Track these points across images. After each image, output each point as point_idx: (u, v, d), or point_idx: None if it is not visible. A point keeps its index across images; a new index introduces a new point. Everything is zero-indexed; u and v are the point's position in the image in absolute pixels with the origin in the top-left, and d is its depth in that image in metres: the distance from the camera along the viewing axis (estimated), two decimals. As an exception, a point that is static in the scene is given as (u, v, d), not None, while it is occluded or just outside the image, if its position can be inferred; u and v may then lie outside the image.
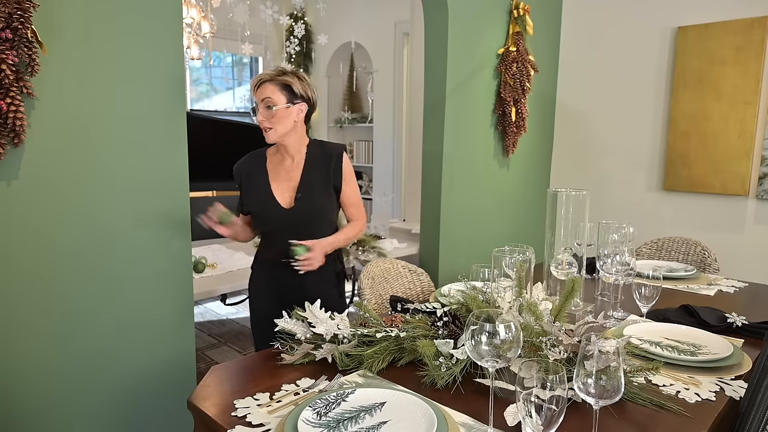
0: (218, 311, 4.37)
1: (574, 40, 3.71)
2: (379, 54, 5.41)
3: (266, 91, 1.77)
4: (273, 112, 1.77)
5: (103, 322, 1.77)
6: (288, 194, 1.86)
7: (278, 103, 1.77)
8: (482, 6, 3.08)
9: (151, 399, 1.92)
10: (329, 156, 1.89)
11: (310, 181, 1.86)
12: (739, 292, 2.16)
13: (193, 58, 4.03)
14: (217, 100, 6.09)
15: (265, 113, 1.78)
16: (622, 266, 1.79)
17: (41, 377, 1.66)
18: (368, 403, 1.16)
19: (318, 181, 1.86)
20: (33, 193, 1.59)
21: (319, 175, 1.87)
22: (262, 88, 1.78)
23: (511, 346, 1.06)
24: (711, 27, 3.10)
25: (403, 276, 2.26)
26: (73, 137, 1.64)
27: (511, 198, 3.55)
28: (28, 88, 1.48)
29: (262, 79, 1.78)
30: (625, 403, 1.21)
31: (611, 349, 0.98)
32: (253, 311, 1.99)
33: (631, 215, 3.48)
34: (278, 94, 1.77)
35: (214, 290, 2.78)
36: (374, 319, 1.52)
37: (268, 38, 5.98)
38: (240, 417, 1.14)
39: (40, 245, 1.62)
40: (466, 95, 3.07)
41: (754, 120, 3.01)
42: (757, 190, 3.05)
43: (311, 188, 1.85)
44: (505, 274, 1.53)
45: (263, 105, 1.77)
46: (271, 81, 1.78)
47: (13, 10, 1.41)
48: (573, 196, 1.82)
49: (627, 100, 3.51)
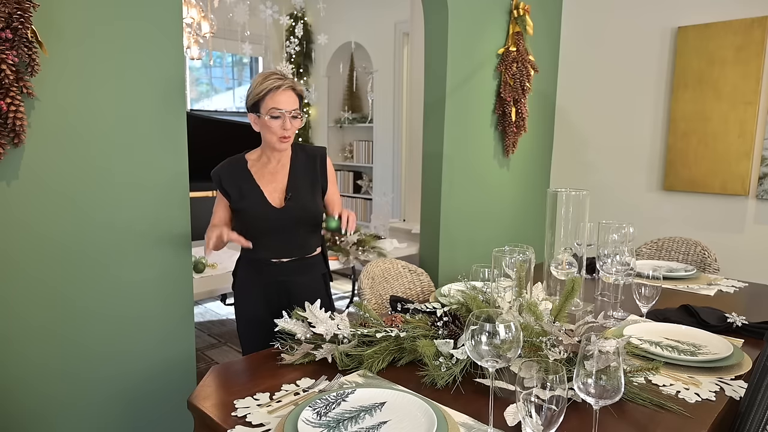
0: (218, 311, 4.37)
1: (574, 40, 3.71)
2: (379, 54, 5.41)
3: (292, 100, 1.77)
4: (298, 122, 1.79)
5: (103, 322, 1.77)
6: (276, 195, 1.85)
7: (300, 113, 1.79)
8: (482, 6, 3.08)
9: (151, 399, 1.92)
10: (313, 158, 1.93)
11: (297, 182, 1.87)
12: (739, 292, 2.16)
13: (193, 58, 4.03)
14: (217, 100, 6.09)
15: (294, 122, 1.77)
16: (622, 266, 1.79)
17: (41, 377, 1.66)
18: (368, 403, 1.16)
19: (305, 183, 1.89)
20: (33, 193, 1.59)
21: (306, 177, 1.90)
22: (289, 96, 1.76)
23: (511, 346, 1.06)
24: (711, 27, 3.10)
25: (403, 276, 2.26)
26: (73, 137, 1.64)
27: (511, 198, 3.55)
28: (28, 88, 1.48)
29: (287, 85, 1.77)
30: (625, 403, 1.21)
31: (611, 349, 0.98)
32: (240, 315, 1.95)
33: (631, 215, 3.48)
34: (298, 104, 1.80)
35: (214, 290, 2.78)
36: (374, 319, 1.52)
37: (268, 38, 5.98)
38: (240, 417, 1.14)
39: (39, 245, 1.62)
40: (466, 95, 3.07)
41: (754, 120, 3.01)
42: (757, 190, 3.05)
43: (299, 189, 1.87)
44: (505, 274, 1.53)
45: (290, 116, 1.76)
46: (294, 89, 1.78)
47: (13, 10, 1.41)
48: (573, 196, 1.82)
49: (627, 100, 3.51)
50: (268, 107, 1.75)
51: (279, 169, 1.88)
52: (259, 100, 1.76)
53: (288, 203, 1.84)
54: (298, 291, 1.88)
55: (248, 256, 1.92)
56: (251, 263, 1.91)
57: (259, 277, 1.89)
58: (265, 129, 1.78)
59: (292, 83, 1.78)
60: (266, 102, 1.75)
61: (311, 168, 1.91)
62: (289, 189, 1.86)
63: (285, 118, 1.75)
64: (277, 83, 1.75)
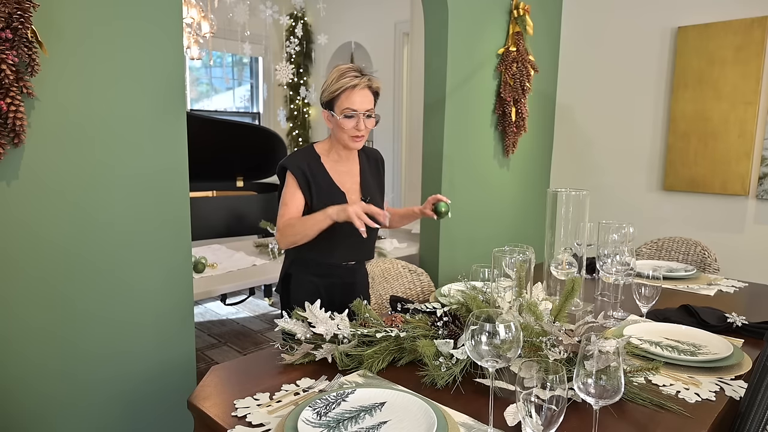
0: (218, 311, 4.37)
1: (574, 40, 3.71)
2: (379, 54, 5.41)
3: (368, 99, 1.71)
4: (373, 121, 1.73)
5: (103, 323, 1.77)
6: (354, 196, 1.81)
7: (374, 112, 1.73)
8: (482, 6, 3.08)
9: (151, 399, 1.92)
10: (375, 161, 1.92)
11: (368, 185, 1.86)
12: (739, 292, 2.16)
13: (193, 58, 4.02)
14: (217, 100, 6.10)
15: (368, 122, 1.71)
16: (622, 266, 1.79)
17: (41, 378, 1.66)
18: (368, 403, 1.16)
19: (374, 185, 1.89)
20: (33, 193, 1.59)
21: (374, 180, 1.90)
22: (365, 95, 1.70)
23: (511, 346, 1.06)
24: (711, 27, 3.10)
25: (403, 276, 2.26)
26: (73, 137, 1.64)
27: (511, 198, 3.55)
28: (28, 88, 1.48)
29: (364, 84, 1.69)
30: (625, 403, 1.21)
31: (611, 349, 0.98)
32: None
33: (631, 215, 3.48)
34: (373, 103, 1.73)
35: (214, 290, 2.78)
36: (374, 319, 1.52)
37: (268, 38, 5.98)
38: (240, 417, 1.14)
39: (39, 245, 1.62)
40: (466, 95, 3.08)
41: (754, 120, 3.01)
42: (757, 190, 3.05)
43: (372, 192, 1.85)
44: (505, 274, 1.53)
45: (365, 115, 1.70)
46: (370, 87, 1.72)
47: (13, 10, 1.41)
48: (573, 196, 1.82)
49: (627, 100, 3.51)
50: (343, 107, 1.69)
51: (351, 167, 1.84)
52: (334, 98, 1.70)
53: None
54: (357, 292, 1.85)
55: (314, 258, 1.81)
56: (317, 265, 1.82)
57: (324, 280, 1.82)
58: (338, 128, 1.73)
59: (368, 81, 1.71)
60: (341, 101, 1.69)
61: (375, 171, 1.91)
62: (364, 192, 1.84)
63: (359, 118, 1.69)
64: (353, 82, 1.68)
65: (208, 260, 3.18)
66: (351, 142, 1.74)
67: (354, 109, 1.69)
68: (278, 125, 5.98)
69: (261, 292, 4.63)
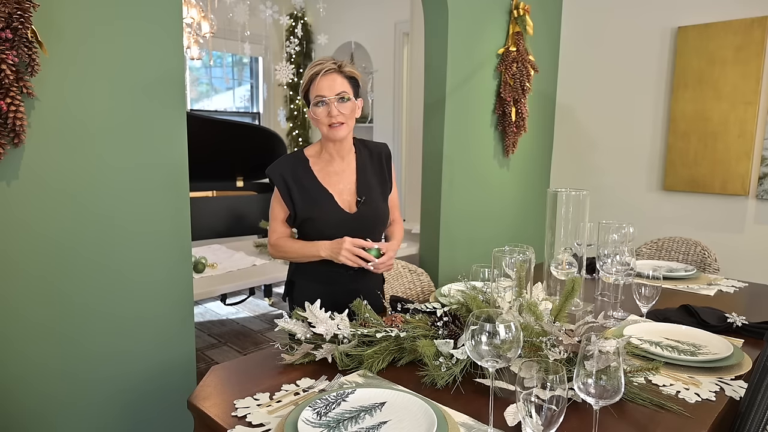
0: (218, 311, 4.37)
1: (574, 40, 3.71)
2: (379, 54, 5.41)
3: (338, 82, 1.63)
4: (348, 105, 1.65)
5: (103, 322, 1.77)
6: (347, 198, 1.74)
7: (352, 96, 1.65)
8: (482, 6, 3.08)
9: (151, 399, 1.92)
10: (378, 156, 1.83)
11: (367, 183, 1.77)
12: (739, 292, 2.16)
13: (193, 58, 4.02)
14: (217, 100, 6.09)
15: (341, 107, 1.63)
16: (622, 266, 1.79)
17: (41, 377, 1.66)
18: (368, 403, 1.16)
19: (374, 183, 1.79)
20: (33, 193, 1.59)
21: (374, 177, 1.80)
22: (332, 80, 1.63)
23: (511, 346, 1.06)
24: (711, 27, 3.10)
25: (403, 276, 2.26)
26: (73, 137, 1.64)
27: (511, 198, 3.55)
28: (28, 88, 1.48)
29: (328, 68, 1.63)
30: (625, 403, 1.21)
31: (611, 349, 0.98)
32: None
33: (631, 215, 3.48)
34: (348, 86, 1.66)
35: (214, 290, 2.78)
36: (374, 319, 1.52)
37: (268, 38, 5.98)
38: (240, 417, 1.14)
39: (39, 245, 1.62)
40: (466, 95, 3.07)
41: (754, 120, 3.01)
42: (757, 190, 3.05)
43: (370, 191, 1.77)
44: (505, 274, 1.53)
45: (337, 98, 1.63)
46: (339, 72, 1.65)
47: (13, 10, 1.41)
48: (573, 196, 1.82)
49: (627, 100, 3.51)
50: (312, 95, 1.65)
51: (344, 167, 1.76)
52: (307, 93, 1.67)
53: (361, 208, 1.74)
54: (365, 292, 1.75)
55: (316, 265, 1.76)
56: (319, 273, 1.78)
57: (327, 287, 1.77)
58: (314, 120, 1.68)
59: (334, 66, 1.65)
60: (311, 92, 1.66)
61: (377, 167, 1.81)
62: (360, 192, 1.75)
63: (331, 104, 1.63)
64: (317, 68, 1.63)
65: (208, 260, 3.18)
66: (330, 132, 1.67)
67: (322, 95, 1.63)
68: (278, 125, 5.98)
69: (261, 292, 4.63)
